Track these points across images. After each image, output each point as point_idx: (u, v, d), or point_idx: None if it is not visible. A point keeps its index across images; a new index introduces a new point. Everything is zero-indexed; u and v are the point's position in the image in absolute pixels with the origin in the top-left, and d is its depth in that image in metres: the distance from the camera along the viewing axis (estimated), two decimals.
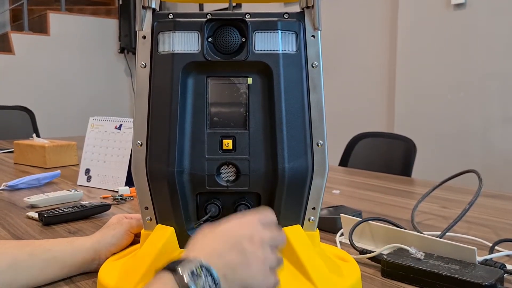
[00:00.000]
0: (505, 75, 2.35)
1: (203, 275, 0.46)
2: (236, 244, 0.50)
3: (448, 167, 2.49)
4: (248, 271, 0.49)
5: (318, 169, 0.62)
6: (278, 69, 0.60)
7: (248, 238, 0.50)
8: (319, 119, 0.62)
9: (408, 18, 2.76)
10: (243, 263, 0.49)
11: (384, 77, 2.97)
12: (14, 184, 1.29)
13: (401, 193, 1.32)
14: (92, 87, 4.75)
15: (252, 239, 0.50)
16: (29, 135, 1.99)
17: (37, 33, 4.61)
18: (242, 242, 0.50)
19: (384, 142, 2.07)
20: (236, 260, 0.49)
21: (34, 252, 0.65)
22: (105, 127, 1.38)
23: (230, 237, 0.50)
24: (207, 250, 0.49)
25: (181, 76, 0.60)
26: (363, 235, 0.83)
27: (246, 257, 0.49)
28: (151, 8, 0.62)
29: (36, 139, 1.74)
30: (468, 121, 2.50)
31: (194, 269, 0.46)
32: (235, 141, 0.61)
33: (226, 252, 0.49)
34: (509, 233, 0.92)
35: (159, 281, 0.46)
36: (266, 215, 0.55)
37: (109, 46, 4.90)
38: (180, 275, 0.45)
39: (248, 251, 0.50)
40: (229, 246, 0.50)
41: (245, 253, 0.49)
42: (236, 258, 0.49)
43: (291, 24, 0.62)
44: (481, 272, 0.64)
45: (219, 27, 0.61)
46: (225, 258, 0.49)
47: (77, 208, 1.00)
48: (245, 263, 0.49)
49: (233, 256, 0.49)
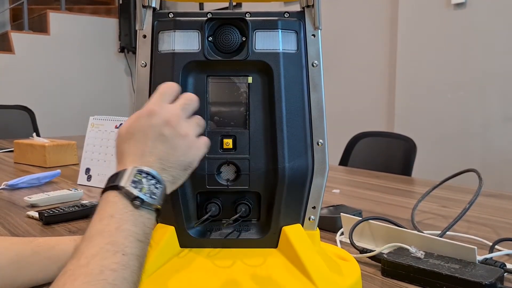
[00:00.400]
0: (505, 75, 2.35)
1: (143, 178, 0.48)
2: (156, 135, 0.51)
3: (448, 166, 2.49)
4: (179, 152, 0.51)
5: (318, 168, 0.62)
6: (278, 68, 0.60)
7: (164, 123, 0.51)
8: (320, 118, 0.62)
9: (408, 18, 2.76)
10: (171, 148, 0.51)
11: (384, 76, 2.97)
12: (14, 183, 1.29)
13: (401, 192, 1.32)
14: (92, 86, 4.75)
15: (168, 122, 0.51)
16: (29, 134, 1.99)
17: (37, 32, 4.61)
18: (161, 131, 0.51)
19: (384, 142, 2.07)
20: (164, 149, 0.51)
21: (38, 249, 0.65)
22: (105, 127, 1.38)
23: (148, 131, 0.51)
24: (135, 154, 0.51)
25: (181, 75, 0.60)
26: (363, 234, 0.83)
27: (171, 142, 0.51)
28: (152, 7, 0.62)
29: (36, 139, 1.74)
30: (468, 120, 2.50)
31: (134, 177, 0.48)
32: (235, 140, 0.61)
33: (152, 148, 0.51)
34: (509, 232, 0.92)
35: (108, 203, 0.47)
36: (164, 90, 0.55)
37: (109, 46, 4.90)
38: (125, 189, 0.47)
39: (170, 135, 0.51)
40: (152, 141, 0.51)
41: (168, 138, 0.51)
42: (164, 147, 0.51)
43: (292, 23, 0.62)
44: (481, 271, 0.64)
45: (219, 26, 0.61)
46: (154, 153, 0.50)
47: (77, 208, 1.00)
48: (173, 147, 0.51)
49: (160, 147, 0.51)
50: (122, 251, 0.44)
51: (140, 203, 0.47)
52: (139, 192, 0.47)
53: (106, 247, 0.44)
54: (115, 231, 0.45)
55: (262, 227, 0.63)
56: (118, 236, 0.45)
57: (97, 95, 4.77)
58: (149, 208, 0.48)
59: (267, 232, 0.63)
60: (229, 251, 0.62)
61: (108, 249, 0.43)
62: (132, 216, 0.47)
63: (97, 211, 0.48)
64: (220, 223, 0.63)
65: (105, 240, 0.44)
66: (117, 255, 0.44)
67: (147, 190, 0.48)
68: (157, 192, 0.49)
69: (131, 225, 0.46)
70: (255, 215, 0.64)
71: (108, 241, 0.44)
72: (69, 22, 4.67)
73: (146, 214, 0.48)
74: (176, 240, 0.62)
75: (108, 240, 0.44)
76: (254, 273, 0.59)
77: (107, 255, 0.43)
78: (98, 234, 0.45)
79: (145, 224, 0.47)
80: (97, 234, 0.45)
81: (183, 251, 0.62)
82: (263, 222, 0.63)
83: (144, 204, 0.47)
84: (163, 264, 0.59)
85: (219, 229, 0.63)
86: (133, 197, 0.47)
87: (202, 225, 0.63)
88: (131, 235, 0.45)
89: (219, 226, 0.63)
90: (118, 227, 0.45)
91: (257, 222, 0.64)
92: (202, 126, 0.56)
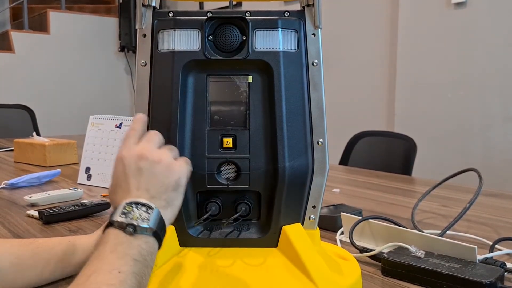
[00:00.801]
0: (505, 74, 2.35)
1: (133, 208, 0.50)
2: (134, 172, 0.54)
3: (449, 165, 2.49)
4: (160, 176, 0.54)
5: (318, 167, 0.62)
6: (278, 67, 0.60)
7: (137, 159, 0.54)
8: (320, 118, 0.62)
9: (408, 17, 2.76)
10: (151, 176, 0.54)
11: (384, 75, 2.97)
12: (14, 182, 1.29)
13: (401, 191, 1.32)
14: (92, 85, 4.75)
15: (140, 156, 0.54)
16: (29, 133, 1.99)
17: (37, 31, 4.61)
18: (137, 165, 0.54)
19: (384, 141, 2.07)
20: (146, 179, 0.53)
21: (37, 251, 0.65)
22: (105, 126, 1.38)
23: (126, 172, 0.54)
24: (123, 196, 0.53)
25: (181, 74, 0.60)
26: (364, 233, 0.83)
27: (149, 170, 0.54)
28: (151, 6, 0.62)
29: (36, 138, 1.74)
30: (468, 119, 2.50)
31: (124, 209, 0.50)
32: (236, 140, 0.61)
33: (134, 183, 0.53)
34: (509, 232, 0.92)
35: (104, 237, 0.49)
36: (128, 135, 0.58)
37: (109, 45, 4.90)
38: (118, 222, 0.49)
39: (147, 166, 0.54)
40: (132, 178, 0.54)
41: (146, 169, 0.54)
42: (144, 179, 0.53)
43: (292, 22, 0.62)
44: (482, 271, 0.64)
45: (219, 26, 0.61)
46: (138, 187, 0.53)
47: (77, 207, 1.00)
48: (153, 174, 0.54)
49: (141, 180, 0.53)
50: (118, 269, 0.46)
51: (133, 230, 0.49)
52: (130, 220, 0.49)
53: (102, 267, 0.46)
54: (109, 254, 0.47)
55: (262, 227, 0.63)
56: (112, 257, 0.47)
57: (97, 94, 4.77)
58: (144, 232, 0.49)
59: (267, 232, 0.63)
60: (229, 251, 0.62)
61: (104, 268, 0.45)
62: (127, 241, 0.48)
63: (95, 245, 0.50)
64: (220, 222, 0.63)
65: (101, 261, 0.46)
66: (113, 272, 0.45)
67: (138, 217, 0.50)
68: (149, 217, 0.50)
69: (125, 248, 0.48)
70: (255, 214, 0.64)
71: (104, 262, 0.46)
72: (69, 21, 4.67)
73: (142, 238, 0.49)
74: (176, 239, 0.62)
75: (103, 261, 0.46)
76: (254, 272, 0.59)
77: (103, 273, 0.45)
78: (95, 258, 0.47)
79: (142, 246, 0.49)
80: (93, 259, 0.47)
81: (183, 251, 0.62)
82: (263, 222, 0.63)
83: (137, 230, 0.49)
84: (163, 264, 0.59)
85: (219, 229, 0.63)
86: (125, 225, 0.49)
87: (202, 225, 0.63)
88: (126, 254, 0.47)
89: (219, 225, 0.63)
90: (112, 250, 0.47)
91: (257, 221, 0.64)
92: (174, 150, 0.58)
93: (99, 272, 0.45)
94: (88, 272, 0.45)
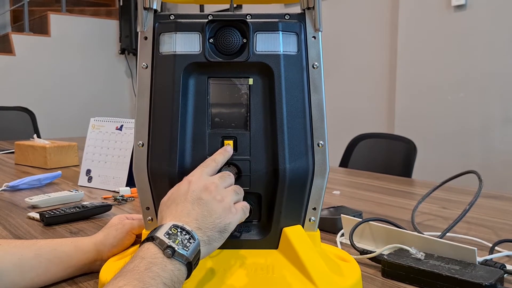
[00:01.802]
0: (505, 76, 2.35)
1: (178, 232, 0.51)
2: (196, 199, 0.55)
3: (448, 167, 2.49)
4: (215, 215, 0.55)
5: (318, 169, 0.62)
6: (279, 70, 0.61)
7: (202, 189, 0.56)
8: (320, 120, 0.62)
9: (408, 20, 2.76)
10: (208, 211, 0.55)
11: (384, 78, 2.97)
12: (15, 184, 1.30)
13: (401, 193, 1.33)
14: (92, 88, 4.75)
15: (207, 188, 0.56)
16: (30, 136, 1.99)
17: (38, 34, 4.62)
18: (199, 195, 0.55)
19: (384, 143, 2.07)
20: (201, 211, 0.55)
21: (39, 252, 0.66)
22: (106, 128, 1.38)
23: (188, 196, 0.55)
24: (174, 214, 0.54)
25: (182, 76, 0.61)
26: (364, 235, 0.83)
27: (208, 205, 0.55)
28: (153, 9, 0.62)
29: (37, 140, 1.74)
30: (468, 121, 2.50)
31: (169, 230, 0.51)
32: (236, 142, 0.62)
33: (190, 209, 0.55)
34: (509, 234, 0.93)
35: (142, 250, 0.50)
36: (207, 164, 0.59)
37: (110, 47, 4.91)
38: (159, 239, 0.50)
39: (208, 199, 0.55)
40: (191, 203, 0.55)
41: (206, 202, 0.55)
42: (200, 210, 0.55)
43: (292, 25, 0.62)
44: (481, 272, 0.64)
45: (220, 28, 0.62)
46: (191, 214, 0.54)
47: (78, 209, 1.00)
48: (210, 210, 0.55)
49: (197, 210, 0.55)
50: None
51: (171, 253, 0.50)
52: (172, 243, 0.50)
53: (133, 282, 0.46)
54: (144, 271, 0.48)
55: (263, 228, 0.63)
56: (146, 275, 0.47)
57: (98, 97, 4.77)
58: (180, 259, 0.50)
59: (267, 233, 0.63)
60: (230, 252, 0.62)
61: (135, 284, 0.46)
62: (162, 262, 0.49)
63: (132, 256, 0.51)
64: None
65: (133, 276, 0.47)
66: None
67: (180, 242, 0.51)
68: (190, 246, 0.51)
69: (159, 269, 0.48)
70: (256, 216, 0.64)
71: (136, 277, 0.47)
72: (70, 23, 4.67)
73: (176, 264, 0.50)
74: None
75: (136, 277, 0.47)
76: (255, 274, 0.59)
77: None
78: (128, 272, 0.48)
79: (174, 273, 0.49)
80: (127, 271, 0.48)
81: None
82: (264, 223, 0.64)
83: (175, 254, 0.50)
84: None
85: None
86: (165, 246, 0.50)
87: None
88: (158, 276, 0.48)
89: None
90: (147, 268, 0.48)
91: (258, 223, 0.64)
92: (240, 194, 0.59)
93: (129, 286, 0.46)
94: (119, 283, 0.46)
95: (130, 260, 0.50)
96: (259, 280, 0.58)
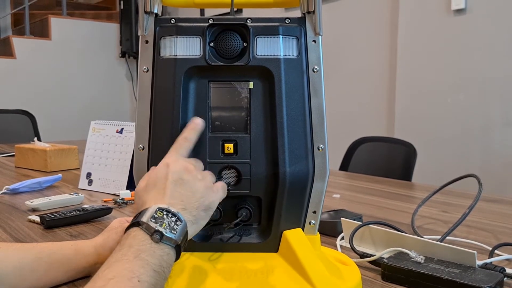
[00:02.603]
0: (504, 80, 2.36)
1: (164, 215, 0.51)
2: (176, 180, 0.55)
3: (448, 171, 2.49)
4: (199, 194, 0.55)
5: (319, 173, 0.62)
6: (279, 73, 0.61)
7: (182, 170, 0.55)
8: (320, 124, 0.63)
9: (408, 23, 2.77)
10: (191, 190, 0.54)
11: (384, 81, 2.98)
12: (15, 187, 1.30)
13: (401, 197, 1.33)
14: (93, 91, 4.76)
15: (186, 168, 0.55)
16: (30, 139, 2.00)
17: (39, 37, 4.62)
18: (180, 176, 0.55)
19: (384, 147, 2.07)
20: (184, 191, 0.54)
21: (39, 255, 0.66)
22: (107, 131, 1.38)
23: (168, 178, 0.55)
24: (157, 197, 0.54)
25: (183, 80, 0.61)
26: (364, 239, 0.83)
27: (191, 185, 0.55)
28: (154, 13, 0.63)
29: (37, 143, 1.75)
30: (468, 125, 2.51)
31: (154, 214, 0.50)
32: (237, 145, 0.62)
33: (173, 191, 0.54)
34: (508, 237, 0.93)
35: (128, 237, 0.50)
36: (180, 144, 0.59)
37: (110, 51, 4.91)
38: (146, 224, 0.49)
39: (189, 179, 0.55)
40: (173, 184, 0.54)
41: (188, 182, 0.55)
42: (184, 190, 0.54)
43: (292, 29, 0.62)
44: (481, 276, 0.64)
45: (221, 32, 0.62)
46: (174, 195, 0.54)
47: (78, 212, 1.00)
48: (193, 190, 0.55)
49: (180, 190, 0.54)
50: (138, 278, 0.46)
51: (159, 237, 0.49)
52: (159, 227, 0.50)
53: (123, 272, 0.46)
54: (132, 259, 0.47)
55: (263, 232, 0.64)
56: (135, 264, 0.47)
57: (98, 100, 4.78)
58: (168, 243, 0.50)
59: (268, 237, 0.63)
60: (230, 255, 0.62)
61: (125, 274, 0.45)
62: (151, 248, 0.49)
63: (118, 245, 0.50)
64: (221, 227, 0.63)
65: (122, 266, 0.46)
66: (133, 280, 0.46)
67: (167, 225, 0.50)
68: (177, 228, 0.51)
69: (148, 256, 0.48)
70: (256, 219, 0.64)
71: (126, 267, 0.46)
72: (71, 27, 4.68)
73: (165, 248, 0.49)
74: None
75: (125, 266, 0.46)
76: (255, 277, 0.59)
77: (123, 279, 0.45)
78: (116, 261, 0.47)
79: (163, 257, 0.49)
80: (115, 261, 0.47)
81: (184, 255, 0.62)
82: (264, 227, 0.64)
83: (163, 238, 0.49)
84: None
85: (220, 233, 0.63)
86: (153, 231, 0.49)
87: (203, 229, 0.63)
88: (147, 264, 0.47)
89: (220, 230, 0.63)
90: (136, 256, 0.47)
91: (258, 226, 0.64)
92: (213, 176, 0.59)
93: (119, 278, 0.45)
94: (109, 275, 0.45)
95: (117, 248, 0.49)
96: (259, 283, 0.58)
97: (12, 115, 2.99)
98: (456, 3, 2.50)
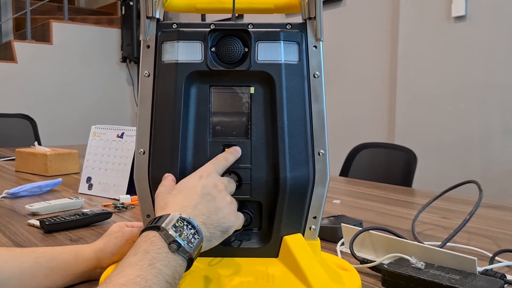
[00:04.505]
0: (504, 86, 2.36)
1: (185, 226, 0.50)
2: (205, 194, 0.55)
3: (449, 177, 2.49)
4: (221, 214, 0.55)
5: (319, 178, 0.62)
6: (280, 79, 0.61)
7: (212, 186, 0.56)
8: (321, 129, 0.63)
9: (409, 30, 2.78)
10: (215, 208, 0.55)
11: (385, 88, 2.98)
12: (15, 191, 1.30)
13: (401, 203, 1.33)
14: (94, 96, 4.77)
15: (217, 186, 0.56)
16: (30, 143, 2.00)
17: (40, 42, 4.64)
18: (209, 191, 0.55)
19: (384, 153, 2.07)
20: (209, 207, 0.54)
21: (39, 260, 0.66)
22: (107, 136, 1.38)
23: (197, 189, 0.55)
24: (181, 205, 0.54)
25: (184, 85, 0.61)
26: (364, 244, 0.83)
27: (216, 203, 0.55)
28: (155, 18, 0.63)
29: (38, 147, 1.75)
30: (468, 132, 2.51)
31: (176, 222, 0.50)
32: None
33: (198, 203, 0.54)
34: (509, 244, 0.92)
35: (146, 240, 0.49)
36: (218, 161, 0.59)
37: (111, 55, 4.93)
38: (165, 231, 0.49)
39: (217, 197, 0.55)
40: (199, 197, 0.54)
41: (214, 199, 0.55)
42: (209, 205, 0.54)
43: (294, 34, 0.63)
44: (482, 282, 0.64)
45: (222, 37, 0.62)
46: (199, 207, 0.54)
47: (78, 216, 1.00)
48: (217, 208, 0.55)
49: (205, 204, 0.54)
50: (149, 287, 0.45)
51: (176, 248, 0.49)
52: (178, 237, 0.49)
53: (135, 279, 0.45)
54: (147, 267, 0.47)
55: (263, 236, 0.64)
56: (148, 272, 0.46)
57: (99, 105, 4.78)
58: (183, 255, 0.50)
59: (268, 242, 0.63)
60: (230, 260, 0.62)
61: (137, 282, 0.45)
62: (166, 258, 0.48)
63: (134, 246, 0.50)
64: None
65: (136, 272, 0.46)
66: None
67: (185, 237, 0.50)
68: (194, 242, 0.51)
69: (162, 266, 0.48)
70: (256, 224, 0.64)
71: (139, 274, 0.46)
72: (72, 32, 4.70)
73: (179, 260, 0.49)
74: None
75: (138, 273, 0.46)
76: (255, 282, 0.59)
77: (134, 287, 0.45)
78: (130, 266, 0.47)
79: (176, 268, 0.49)
80: (129, 266, 0.47)
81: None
82: (264, 232, 0.64)
83: (180, 250, 0.49)
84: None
85: None
86: (171, 240, 0.49)
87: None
88: (161, 274, 0.47)
89: None
90: (150, 264, 0.47)
91: (258, 231, 0.64)
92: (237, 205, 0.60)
93: (131, 285, 0.45)
94: (121, 280, 0.45)
95: (132, 250, 0.49)
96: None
97: (13, 119, 2.99)
98: (457, 10, 2.50)
